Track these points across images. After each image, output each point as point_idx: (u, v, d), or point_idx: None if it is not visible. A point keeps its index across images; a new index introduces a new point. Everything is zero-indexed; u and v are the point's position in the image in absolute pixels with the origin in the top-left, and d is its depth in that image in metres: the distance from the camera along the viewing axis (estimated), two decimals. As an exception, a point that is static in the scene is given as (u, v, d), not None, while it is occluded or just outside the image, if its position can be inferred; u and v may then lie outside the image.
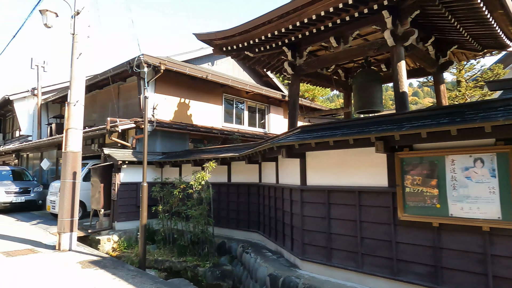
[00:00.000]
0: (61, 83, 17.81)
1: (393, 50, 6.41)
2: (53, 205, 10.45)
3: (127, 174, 8.73)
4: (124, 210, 8.62)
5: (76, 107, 6.90)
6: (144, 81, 11.10)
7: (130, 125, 9.05)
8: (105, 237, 8.05)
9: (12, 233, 8.48)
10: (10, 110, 19.73)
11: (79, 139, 6.93)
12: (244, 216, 7.23)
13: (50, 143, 13.36)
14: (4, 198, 11.92)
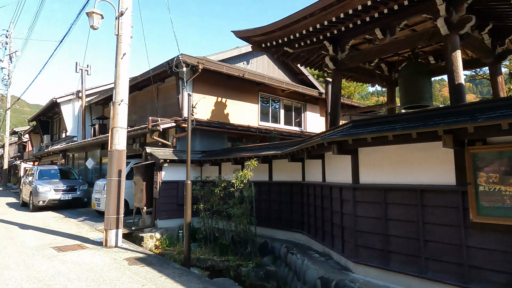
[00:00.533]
0: (102, 86, 18.53)
1: (447, 39, 5.94)
2: (97, 203, 10.82)
3: (168, 172, 8.82)
4: (166, 208, 8.71)
5: (120, 106, 7.03)
6: (182, 80, 11.28)
7: (170, 124, 9.14)
8: (148, 234, 8.16)
9: (62, 229, 8.84)
10: (57, 113, 20.86)
11: (123, 137, 7.05)
12: (286, 215, 7.02)
13: (94, 143, 13.90)
14: (53, 196, 12.53)
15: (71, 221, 10.14)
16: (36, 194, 12.37)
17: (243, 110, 13.23)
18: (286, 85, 13.96)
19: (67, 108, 17.72)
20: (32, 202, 12.59)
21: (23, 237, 7.79)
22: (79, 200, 13.19)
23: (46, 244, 7.00)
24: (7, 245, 6.92)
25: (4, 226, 9.31)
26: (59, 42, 11.98)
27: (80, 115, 17.82)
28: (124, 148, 7.04)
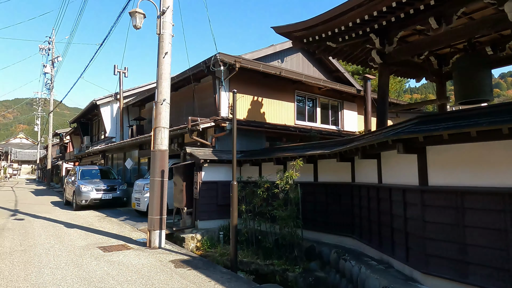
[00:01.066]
0: (139, 87, 18.92)
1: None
2: (137, 203, 10.93)
3: (208, 173, 8.69)
4: (206, 209, 8.58)
5: (163, 106, 6.96)
6: (219, 80, 11.16)
7: (209, 124, 9.02)
8: (189, 235, 8.07)
9: (105, 228, 8.96)
10: (96, 114, 21.58)
11: (166, 137, 6.98)
12: (333, 218, 6.64)
13: (132, 144, 14.14)
14: (95, 195, 12.86)
15: (113, 221, 10.30)
16: (79, 194, 12.75)
17: (279, 109, 12.96)
18: (323, 82, 13.52)
19: (106, 110, 18.25)
20: (75, 201, 12.99)
21: (70, 236, 7.93)
22: (119, 199, 13.45)
23: (92, 244, 7.07)
24: (56, 244, 7.04)
25: (51, 224, 9.60)
26: (99, 45, 12.27)
27: (118, 116, 18.29)
28: (166, 148, 6.97)
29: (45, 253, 6.27)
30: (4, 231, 8.59)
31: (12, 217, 11.28)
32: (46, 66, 30.89)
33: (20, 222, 10.01)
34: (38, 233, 8.32)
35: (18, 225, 9.55)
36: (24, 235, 8.01)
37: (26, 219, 10.74)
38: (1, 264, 5.59)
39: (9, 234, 8.21)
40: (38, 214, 11.75)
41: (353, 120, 16.24)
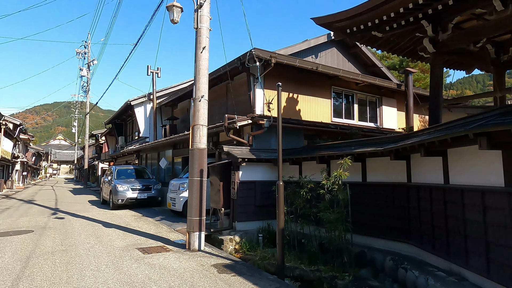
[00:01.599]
0: (171, 87, 19.00)
1: None
2: (173, 202, 10.81)
3: (245, 172, 8.36)
4: (244, 210, 8.25)
5: (201, 103, 6.69)
6: (254, 76, 10.81)
7: (246, 121, 8.69)
8: (227, 237, 7.77)
9: (142, 228, 8.86)
10: (130, 115, 21.96)
11: (204, 135, 6.71)
12: (385, 222, 6.08)
13: (166, 144, 14.13)
14: (131, 195, 12.93)
15: (149, 221, 10.23)
16: (115, 193, 12.86)
17: (315, 106, 12.43)
18: (361, 77, 12.83)
19: (139, 110, 18.47)
20: (111, 200, 13.13)
21: (108, 236, 7.87)
22: (154, 199, 13.47)
23: (131, 245, 6.93)
24: (95, 244, 6.97)
25: (90, 223, 9.65)
26: (134, 45, 12.30)
27: (151, 116, 18.45)
28: (205, 147, 6.69)
29: (86, 254, 6.18)
30: (46, 230, 8.70)
31: (53, 215, 11.53)
32: (83, 70, 32.01)
33: (61, 221, 10.16)
34: (78, 232, 8.34)
35: (59, 223, 9.68)
36: (65, 234, 8.04)
37: (66, 218, 10.92)
38: (44, 264, 5.52)
39: (50, 232, 8.29)
40: (77, 213, 11.95)
41: (392, 116, 15.38)
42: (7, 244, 7.02)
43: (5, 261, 5.68)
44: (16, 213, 12.35)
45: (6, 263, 5.57)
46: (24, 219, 10.74)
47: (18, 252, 6.32)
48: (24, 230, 8.65)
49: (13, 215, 11.70)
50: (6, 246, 6.83)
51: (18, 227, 9.23)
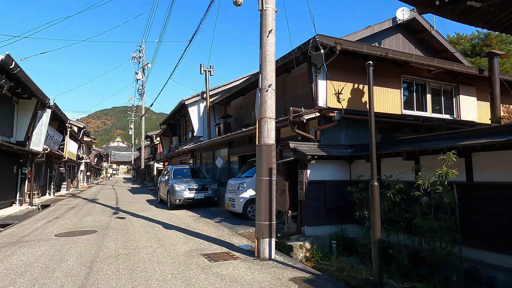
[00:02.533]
0: (223, 86, 18.67)
1: None
2: (232, 203, 10.26)
3: (314, 171, 7.48)
4: (313, 213, 7.38)
5: (268, 93, 5.95)
6: (315, 67, 9.88)
7: (314, 114, 7.81)
8: (296, 243, 6.95)
9: (203, 231, 8.38)
10: (184, 115, 22.09)
11: (273, 129, 5.96)
12: (504, 232, 4.84)
13: (221, 142, 13.71)
14: (188, 195, 12.66)
15: (208, 222, 9.76)
16: (173, 193, 12.68)
17: (382, 97, 11.16)
18: (438, 62, 11.28)
19: (193, 109, 18.38)
20: (169, 200, 12.98)
21: (170, 238, 7.46)
22: (210, 199, 13.10)
23: (194, 250, 6.40)
24: (157, 248, 6.55)
25: (150, 224, 9.42)
26: (188, 41, 12.00)
27: (205, 115, 18.27)
28: (273, 142, 5.94)
29: (149, 259, 5.74)
30: (109, 230, 8.57)
31: (114, 215, 11.59)
32: (138, 73, 33.27)
33: (122, 221, 10.09)
34: (139, 233, 8.07)
35: (120, 224, 9.57)
36: (126, 236, 7.80)
37: (126, 217, 10.87)
38: (108, 271, 5.14)
39: (113, 233, 8.11)
40: (137, 213, 11.92)
41: (471, 107, 13.49)
42: (72, 246, 6.88)
43: (70, 266, 5.41)
44: (81, 212, 12.67)
45: (71, 268, 5.28)
46: (88, 218, 10.88)
47: (83, 255, 6.07)
48: (88, 230, 8.60)
49: (78, 214, 11.97)
50: (71, 248, 6.67)
51: (83, 226, 9.26)
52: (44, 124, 16.20)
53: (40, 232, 8.57)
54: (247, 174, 10.45)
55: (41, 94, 14.71)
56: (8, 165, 14.38)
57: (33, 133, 15.79)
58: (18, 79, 11.81)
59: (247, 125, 14.17)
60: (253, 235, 7.84)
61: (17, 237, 7.92)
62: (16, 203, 15.09)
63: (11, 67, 10.79)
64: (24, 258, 5.93)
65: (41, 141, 16.03)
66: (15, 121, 14.87)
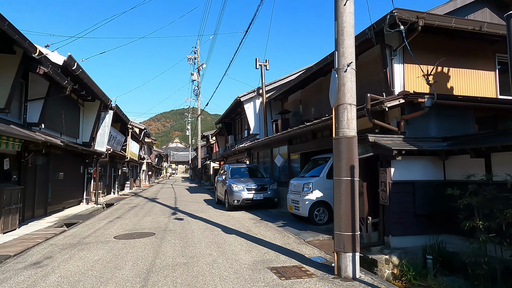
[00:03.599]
0: (279, 81, 17.74)
1: None
2: (296, 206, 9.25)
3: (399, 169, 6.19)
4: (399, 220, 6.09)
5: (347, 74, 4.84)
6: (390, 49, 8.49)
7: (397, 101, 6.48)
8: (381, 257, 5.73)
9: (266, 236, 7.49)
10: (239, 113, 21.59)
11: (354, 118, 4.84)
12: None
13: (280, 139, 12.76)
14: (246, 195, 11.93)
15: (270, 226, 8.87)
16: (231, 193, 12.05)
17: (472, 81, 9.36)
18: (548, 34, 9.12)
19: (249, 106, 17.72)
20: (227, 201, 12.38)
21: (230, 245, 6.69)
22: (270, 200, 12.24)
23: (259, 261, 5.52)
24: (218, 257, 5.78)
25: (208, 227, 8.79)
26: (244, 32, 11.25)
27: (261, 112, 17.50)
28: (355, 134, 4.82)
29: (209, 272, 4.97)
30: (167, 233, 8.09)
31: (173, 215, 11.26)
32: (193, 74, 33.74)
33: (180, 223, 9.63)
34: (198, 238, 7.43)
35: (179, 226, 9.09)
36: (185, 240, 7.20)
37: (184, 219, 10.43)
38: (164, 285, 4.45)
39: (171, 237, 7.58)
40: (194, 214, 11.48)
41: None
42: (130, 250, 6.42)
43: (124, 276, 4.84)
44: (141, 212, 12.60)
45: (125, 280, 4.70)
46: (148, 219, 10.64)
47: (139, 263, 5.52)
48: (146, 233, 8.20)
49: (138, 214, 11.87)
50: (128, 253, 6.19)
51: (142, 228, 8.93)
52: (107, 125, 16.67)
53: (100, 233, 8.37)
54: (312, 173, 9.37)
55: (103, 96, 15.06)
56: (76, 165, 14.94)
57: (97, 134, 16.31)
58: (81, 80, 12.04)
59: (306, 121, 13.07)
60: (325, 244, 6.77)
61: (78, 238, 7.75)
62: (83, 201, 15.67)
63: (74, 69, 10.93)
64: (80, 264, 5.54)
65: (104, 141, 16.50)
66: (80, 123, 15.43)
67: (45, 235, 8.12)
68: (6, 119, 9.07)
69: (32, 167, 10.50)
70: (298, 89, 14.42)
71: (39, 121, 10.36)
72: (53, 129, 12.03)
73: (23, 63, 8.76)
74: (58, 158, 12.70)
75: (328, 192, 8.74)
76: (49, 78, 9.90)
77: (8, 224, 8.43)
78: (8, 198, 8.38)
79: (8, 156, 9.24)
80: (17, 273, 5.14)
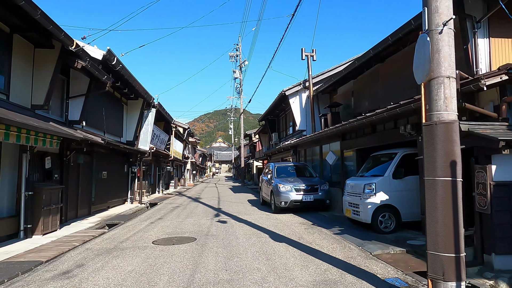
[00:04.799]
0: (327, 71, 16.34)
1: None
2: (354, 210, 7.95)
3: (503, 167, 4.72)
4: (505, 234, 4.63)
5: (443, 36, 3.55)
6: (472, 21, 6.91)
7: (499, 77, 5.00)
8: (483, 282, 4.33)
9: (322, 246, 6.33)
10: (283, 109, 20.46)
11: (453, 96, 3.54)
12: None
13: (331, 134, 11.45)
14: (295, 196, 10.80)
15: (325, 233, 7.68)
16: (277, 194, 10.99)
17: None
18: None
19: (294, 100, 16.53)
20: (273, 202, 11.34)
21: (281, 257, 5.63)
22: (321, 202, 11.00)
23: (321, 282, 4.39)
24: (268, 274, 4.75)
25: (254, 232, 7.81)
26: (291, 16, 10.09)
27: (307, 106, 16.24)
28: (455, 118, 3.52)
29: (259, 296, 3.95)
30: (209, 239, 7.25)
31: (216, 217, 10.47)
32: (235, 72, 33.18)
33: (223, 226, 8.77)
34: (243, 246, 6.47)
35: (222, 230, 8.23)
36: (228, 249, 6.27)
37: (228, 221, 9.57)
38: (203, 314, 3.51)
39: (213, 244, 6.71)
40: (239, 216, 10.60)
41: None
42: (167, 260, 5.61)
43: (156, 298, 3.98)
44: (183, 212, 12.00)
45: (157, 302, 3.83)
46: (189, 220, 9.94)
47: (175, 278, 4.65)
48: (187, 238, 7.43)
49: (180, 215, 11.25)
50: (165, 264, 5.38)
51: (182, 231, 8.20)
52: (150, 124, 16.41)
53: (139, 236, 7.75)
54: (373, 172, 8.02)
55: (145, 93, 14.74)
56: (120, 164, 14.78)
57: (140, 132, 16.10)
58: (122, 76, 11.68)
59: (359, 114, 11.67)
60: (399, 260, 5.45)
61: (116, 242, 7.16)
62: (128, 201, 15.51)
63: (113, 64, 10.54)
64: (111, 276, 4.81)
65: (147, 140, 16.26)
66: (124, 122, 15.26)
67: (83, 237, 7.65)
68: (47, 116, 8.80)
69: (74, 166, 10.26)
70: (350, 79, 13.01)
71: (80, 118, 10.07)
72: (96, 127, 11.80)
73: (61, 58, 8.41)
74: (102, 157, 12.49)
75: (395, 194, 7.36)
76: (89, 74, 9.54)
77: (48, 225, 8.10)
78: (48, 198, 8.04)
79: (49, 155, 8.98)
80: (42, 285, 4.51)
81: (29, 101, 8.28)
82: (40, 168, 8.71)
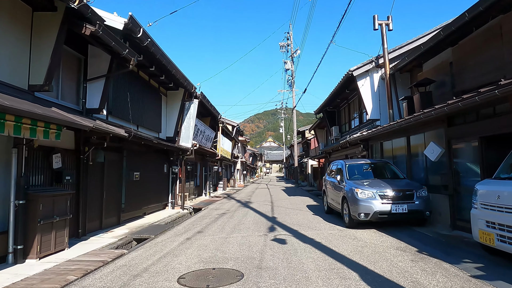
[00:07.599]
0: (406, 44, 12.91)
1: None
2: (500, 234, 4.76)
3: None
4: None
5: None
6: None
7: None
8: None
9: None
10: (345, 98, 17.26)
11: None
12: None
13: (427, 120, 8.13)
14: (380, 206, 7.74)
15: (453, 273, 4.61)
16: (354, 202, 8.02)
17: None
18: None
19: (363, 83, 13.34)
20: (347, 213, 8.37)
21: None
22: (418, 214, 7.84)
23: None
24: None
25: (332, 267, 4.95)
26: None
27: (381, 90, 12.97)
28: None
29: None
30: (262, 274, 4.62)
31: (270, 232, 7.84)
32: (287, 63, 30.45)
33: (282, 251, 6.07)
34: (322, 301, 3.70)
35: (281, 258, 5.53)
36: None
37: (288, 241, 6.88)
38: None
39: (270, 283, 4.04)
40: (300, 231, 7.85)
41: None
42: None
43: None
44: (229, 223, 9.56)
45: None
46: (236, 237, 7.43)
47: None
48: (229, 271, 4.87)
49: (225, 228, 8.80)
50: None
51: (224, 257, 5.68)
52: (192, 117, 14.31)
53: (163, 265, 5.36)
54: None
55: (184, 80, 12.61)
56: (158, 164, 12.83)
57: (181, 127, 14.06)
58: (153, 56, 9.54)
59: (462, 92, 8.35)
60: None
61: (127, 277, 4.83)
62: (169, 205, 13.53)
63: (139, 36, 8.38)
64: None
65: (189, 136, 14.17)
66: (163, 115, 13.31)
67: (88, 265, 5.46)
68: (50, 101, 6.84)
69: (95, 165, 8.28)
70: (446, 46, 9.62)
71: (100, 106, 8.06)
72: (125, 119, 9.83)
73: (65, 22, 6.37)
74: (134, 155, 10.54)
75: None
76: (105, 48, 7.46)
77: (50, 244, 6.06)
78: (48, 208, 6.00)
79: (59, 151, 7.01)
80: None
81: (27, 81, 6.34)
82: (44, 168, 6.76)
